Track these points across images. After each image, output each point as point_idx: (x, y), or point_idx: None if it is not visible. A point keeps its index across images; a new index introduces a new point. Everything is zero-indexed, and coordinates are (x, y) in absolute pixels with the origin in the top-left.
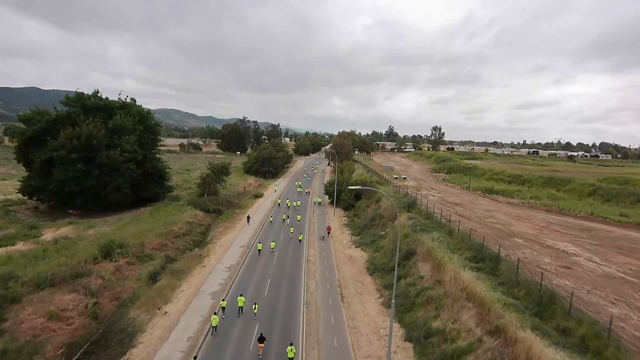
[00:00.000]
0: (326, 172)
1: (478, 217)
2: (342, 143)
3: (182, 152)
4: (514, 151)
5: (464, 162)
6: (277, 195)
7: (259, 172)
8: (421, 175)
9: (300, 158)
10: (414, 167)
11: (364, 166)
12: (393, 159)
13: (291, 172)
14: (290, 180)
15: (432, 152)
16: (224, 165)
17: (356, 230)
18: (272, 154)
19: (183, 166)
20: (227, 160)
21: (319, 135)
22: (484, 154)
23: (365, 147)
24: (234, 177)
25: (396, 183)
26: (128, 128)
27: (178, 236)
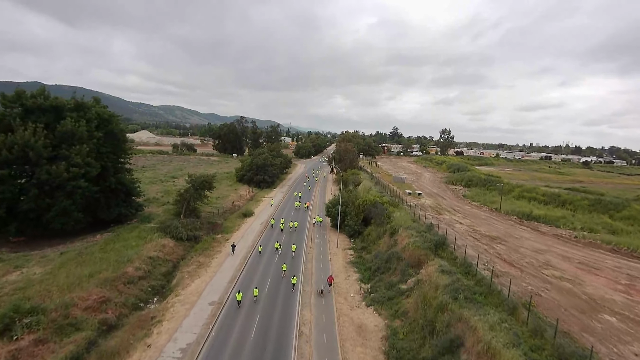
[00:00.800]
0: (328, 180)
1: (530, 264)
2: (346, 148)
3: (175, 153)
4: (525, 155)
5: (482, 172)
6: (271, 212)
7: (253, 181)
8: (436, 188)
9: (300, 161)
10: (424, 175)
11: (370, 176)
12: (400, 164)
13: (290, 179)
14: (288, 190)
15: (443, 158)
16: (205, 179)
17: (366, 273)
18: (267, 161)
19: (170, 171)
20: (212, 172)
21: (322, 135)
22: (495, 159)
23: (370, 150)
24: (224, 187)
25: (410, 200)
26: (81, 135)
27: (132, 281)
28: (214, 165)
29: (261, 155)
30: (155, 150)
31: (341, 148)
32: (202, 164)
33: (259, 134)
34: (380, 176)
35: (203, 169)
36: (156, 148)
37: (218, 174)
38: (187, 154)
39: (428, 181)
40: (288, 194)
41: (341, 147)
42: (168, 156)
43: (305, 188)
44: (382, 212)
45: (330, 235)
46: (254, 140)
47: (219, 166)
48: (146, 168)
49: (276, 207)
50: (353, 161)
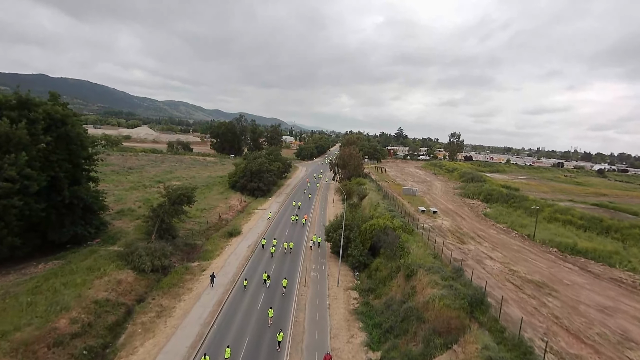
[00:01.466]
0: (330, 188)
1: (603, 336)
2: (351, 153)
3: (170, 152)
4: (536, 161)
5: (499, 183)
6: (262, 228)
7: (246, 189)
8: (452, 203)
9: (302, 164)
10: (435, 185)
11: (377, 185)
12: (408, 170)
13: (289, 185)
14: (285, 199)
15: (453, 164)
16: (184, 192)
17: (374, 332)
18: (263, 167)
19: (158, 174)
20: (204, 175)
21: (325, 134)
22: (506, 166)
23: (375, 154)
24: (214, 195)
25: (425, 221)
26: (19, 140)
27: (60, 342)
28: (208, 167)
29: (257, 159)
30: (149, 149)
31: (345, 153)
32: (195, 166)
33: (258, 133)
34: (388, 186)
35: (195, 172)
36: (152, 146)
37: (211, 178)
38: (182, 154)
39: (440, 192)
40: (285, 204)
41: (345, 152)
42: (161, 155)
43: (305, 196)
44: (394, 241)
45: (330, 266)
46: (254, 140)
47: (213, 169)
48: (133, 170)
49: (270, 221)
50: (358, 168)
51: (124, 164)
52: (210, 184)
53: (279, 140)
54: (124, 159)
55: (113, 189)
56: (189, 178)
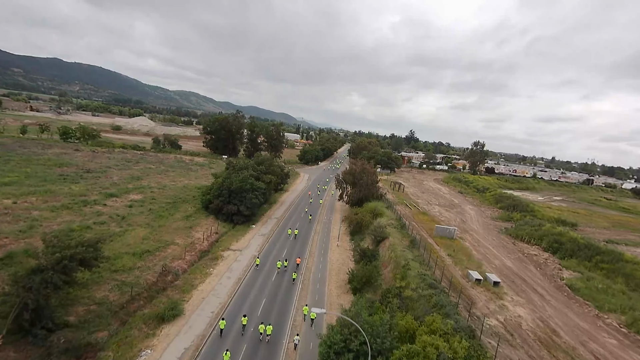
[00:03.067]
0: (336, 209)
1: None
2: (364, 169)
3: (154, 149)
4: (561, 176)
5: (551, 217)
6: (225, 296)
7: (222, 213)
8: (506, 254)
9: (305, 169)
10: (468, 212)
11: (397, 217)
12: (428, 185)
13: (284, 202)
14: (276, 227)
15: (481, 180)
16: (82, 246)
17: None
18: (246, 184)
19: (118, 182)
20: (180, 185)
21: (334, 132)
22: (535, 182)
23: (389, 162)
24: (176, 220)
25: (486, 304)
26: None
27: None
28: (191, 171)
29: (241, 172)
30: (130, 144)
31: (357, 168)
32: (176, 169)
33: (257, 132)
34: (411, 215)
35: (171, 178)
36: (141, 140)
37: (186, 190)
38: (168, 151)
39: (480, 228)
40: (274, 236)
41: (357, 167)
42: (142, 153)
43: (305, 218)
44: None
45: None
46: (251, 140)
47: (196, 174)
48: (92, 173)
49: (243, 274)
50: (372, 187)
51: (87, 164)
52: (180, 200)
53: (280, 142)
54: (90, 157)
55: (36, 206)
56: (158, 189)
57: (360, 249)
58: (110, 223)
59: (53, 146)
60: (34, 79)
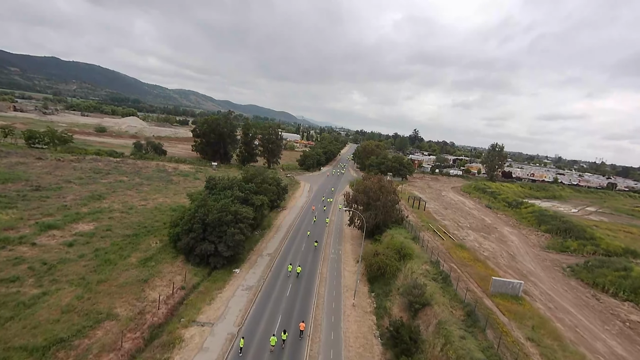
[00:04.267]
0: (345, 236)
1: None
2: (382, 186)
3: (135, 156)
4: (581, 180)
5: (613, 240)
6: None
7: (195, 254)
8: (603, 328)
9: (305, 176)
10: (509, 238)
11: (428, 252)
12: (448, 197)
13: (281, 226)
14: (268, 271)
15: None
16: None
17: None
18: (226, 215)
19: (71, 204)
20: (151, 205)
21: (335, 131)
22: (560, 188)
23: (401, 169)
24: (128, 268)
25: None
26: None
27: None
28: (171, 184)
29: (223, 194)
30: (105, 151)
31: (372, 185)
32: (154, 181)
33: (252, 135)
34: (447, 251)
35: (143, 195)
36: (123, 142)
37: (157, 213)
38: (149, 158)
39: (534, 263)
40: (267, 287)
41: (372, 184)
42: (118, 161)
43: (309, 244)
44: None
45: None
46: (246, 144)
47: (176, 188)
48: (42, 191)
49: None
50: (391, 209)
51: (42, 177)
52: (145, 230)
53: (278, 145)
54: (52, 168)
55: None
56: (121, 213)
57: (391, 326)
58: (27, 279)
59: (11, 154)
60: (30, 78)
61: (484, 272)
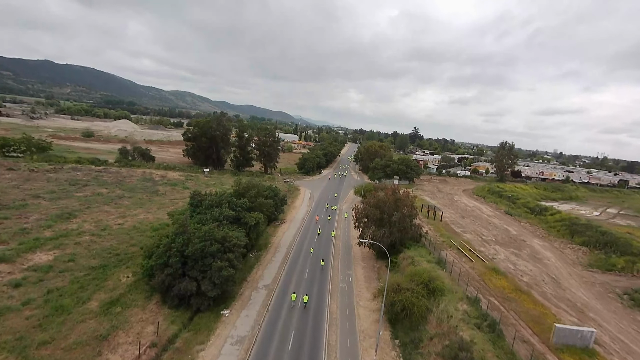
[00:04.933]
0: (355, 257)
1: None
2: (397, 199)
3: (119, 163)
4: (591, 177)
5: None
6: None
7: (173, 294)
8: None
9: (305, 180)
10: (543, 255)
11: (466, 292)
12: (462, 202)
13: (280, 246)
14: (264, 312)
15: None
16: None
17: None
18: (211, 245)
19: (36, 224)
20: (130, 224)
21: (332, 130)
22: (574, 188)
23: (408, 172)
24: (85, 318)
25: None
26: None
27: None
28: (156, 195)
29: (210, 213)
30: (87, 159)
31: (386, 199)
32: (135, 194)
33: (248, 138)
34: (479, 276)
35: (122, 211)
36: (111, 148)
37: (135, 233)
38: (135, 165)
39: (585, 291)
40: (264, 334)
41: (386, 199)
42: (101, 169)
43: (315, 267)
44: None
45: None
46: (240, 147)
47: (161, 201)
48: (4, 209)
49: None
50: (407, 226)
51: (7, 192)
52: (116, 259)
53: (276, 148)
54: (23, 180)
55: None
56: (91, 235)
57: None
58: None
59: None
60: (23, 82)
61: (535, 310)
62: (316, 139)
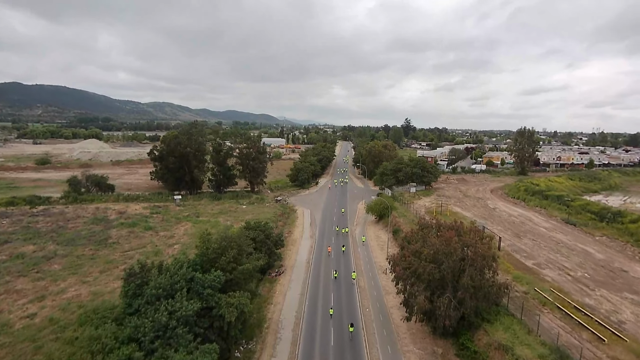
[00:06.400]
0: (399, 332)
1: None
2: (466, 243)
3: (67, 199)
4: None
5: None
6: None
7: None
8: None
9: (301, 199)
10: None
11: None
12: (502, 211)
13: (281, 323)
14: None
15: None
16: None
17: None
18: None
19: None
20: None
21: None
22: (605, 173)
23: (425, 175)
24: None
25: None
26: None
27: None
28: (103, 249)
29: (149, 317)
30: (24, 197)
31: (443, 247)
32: (75, 247)
33: (225, 153)
34: None
35: (34, 293)
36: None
37: (59, 325)
38: (87, 200)
39: None
40: None
41: (444, 245)
42: (41, 211)
43: (340, 335)
44: None
45: None
46: (219, 163)
47: (111, 256)
48: None
49: None
50: (483, 289)
51: None
52: None
53: (263, 161)
54: None
55: None
56: None
57: None
58: None
59: None
60: None
61: None
62: (305, 140)
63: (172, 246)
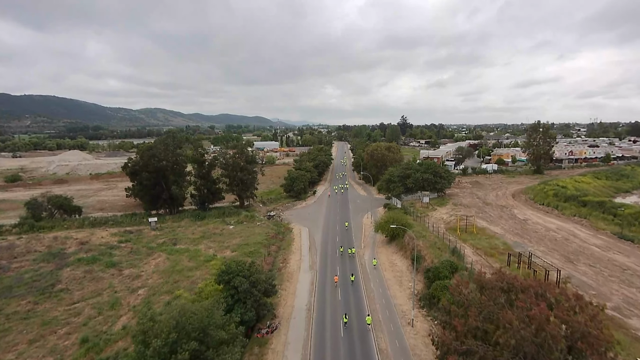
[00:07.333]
0: None
1: None
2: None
3: (22, 229)
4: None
5: None
6: None
7: None
8: None
9: (297, 214)
10: None
11: None
12: (535, 222)
13: None
14: None
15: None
16: None
17: None
18: None
19: None
20: None
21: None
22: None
23: (438, 181)
24: None
25: None
26: None
27: None
28: (45, 302)
29: None
30: None
31: (526, 334)
32: (12, 299)
33: (209, 164)
34: None
35: None
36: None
37: None
38: (47, 228)
39: None
40: None
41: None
42: None
43: None
44: None
45: None
46: (202, 177)
47: (53, 311)
48: None
49: None
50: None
51: None
52: None
53: (252, 171)
54: None
55: None
56: None
57: None
58: None
59: None
60: None
61: None
62: (299, 142)
63: (135, 292)
